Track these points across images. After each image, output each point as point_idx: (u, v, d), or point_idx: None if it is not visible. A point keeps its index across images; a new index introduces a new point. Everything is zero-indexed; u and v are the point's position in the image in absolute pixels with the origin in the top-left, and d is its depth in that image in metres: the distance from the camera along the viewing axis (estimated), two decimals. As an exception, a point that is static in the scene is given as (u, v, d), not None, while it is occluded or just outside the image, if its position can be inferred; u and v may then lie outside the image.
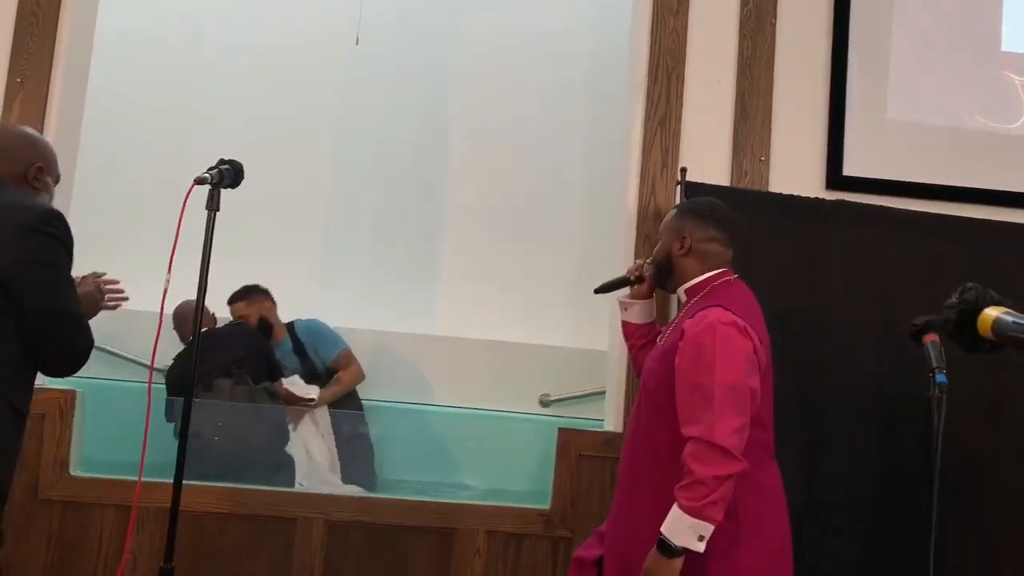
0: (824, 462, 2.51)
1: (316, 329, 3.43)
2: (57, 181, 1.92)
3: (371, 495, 2.84)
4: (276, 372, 3.21)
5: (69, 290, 1.74)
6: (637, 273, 2.13)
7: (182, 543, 1.93)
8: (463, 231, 3.91)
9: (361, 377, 3.36)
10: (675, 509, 1.69)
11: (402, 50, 3.91)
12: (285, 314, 3.54)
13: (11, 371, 1.69)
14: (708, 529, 1.67)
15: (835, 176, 2.81)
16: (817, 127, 2.85)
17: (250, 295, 3.35)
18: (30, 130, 1.92)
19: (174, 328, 3.23)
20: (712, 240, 1.95)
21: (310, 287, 3.80)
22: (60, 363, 1.75)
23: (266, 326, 3.32)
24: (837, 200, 2.69)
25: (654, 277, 2.08)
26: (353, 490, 3.04)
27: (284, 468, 2.98)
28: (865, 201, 2.70)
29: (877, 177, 2.83)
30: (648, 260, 2.11)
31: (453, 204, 3.95)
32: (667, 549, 1.68)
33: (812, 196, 2.70)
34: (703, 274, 1.94)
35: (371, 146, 3.90)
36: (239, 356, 3.07)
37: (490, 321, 3.76)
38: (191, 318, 3.05)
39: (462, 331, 3.71)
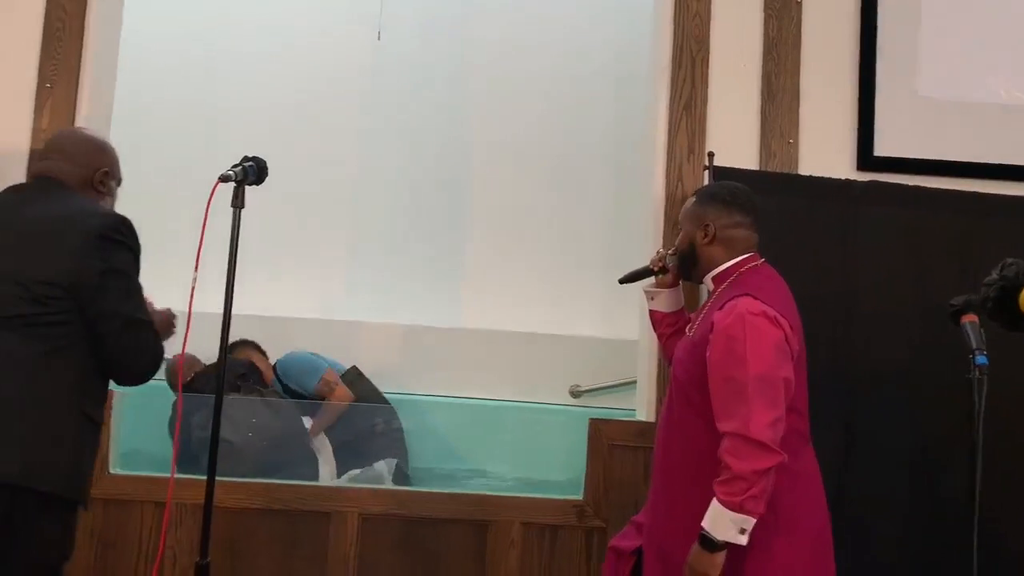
0: (859, 446, 2.48)
1: (291, 364, 3.29)
2: (119, 184, 1.94)
3: (404, 488, 2.86)
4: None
5: (139, 298, 1.76)
6: (660, 264, 2.11)
7: (220, 539, 1.95)
8: (488, 223, 3.91)
9: (348, 399, 3.23)
10: (715, 504, 1.68)
11: (423, 42, 3.90)
12: (316, 311, 3.55)
13: (84, 380, 1.72)
14: (750, 523, 1.67)
15: (866, 156, 2.76)
16: (846, 107, 2.79)
17: (234, 349, 3.23)
18: (96, 133, 1.96)
19: (168, 384, 3.12)
20: (737, 225, 1.92)
21: (337, 283, 3.81)
22: (130, 372, 1.76)
23: (257, 376, 3.24)
24: (869, 181, 2.65)
25: (678, 267, 2.04)
26: (383, 466, 3.02)
27: (310, 462, 2.99)
28: (898, 181, 2.65)
29: (910, 156, 2.76)
30: (671, 251, 2.08)
31: (477, 196, 3.94)
32: (709, 544, 1.68)
33: (843, 178, 2.66)
34: (729, 260, 1.91)
35: (394, 139, 3.90)
36: (241, 372, 3.07)
37: (518, 313, 3.75)
38: (183, 369, 3.04)
39: (490, 323, 3.70)
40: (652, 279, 2.18)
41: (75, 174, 1.81)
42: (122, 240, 1.74)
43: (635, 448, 2.66)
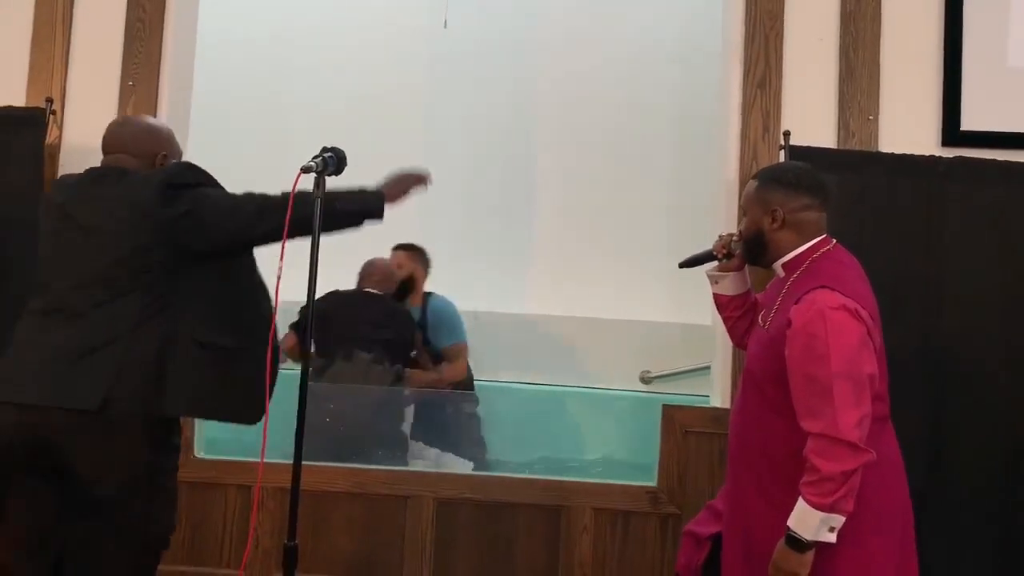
0: (949, 434, 2.39)
1: (444, 311, 3.39)
2: (180, 158, 2.05)
3: (479, 473, 2.88)
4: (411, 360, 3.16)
5: (231, 196, 1.88)
6: (724, 251, 2.02)
7: (302, 521, 2.00)
8: (555, 208, 3.90)
9: (461, 376, 3.31)
10: (803, 505, 1.65)
11: (489, 28, 3.90)
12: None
13: (197, 315, 1.82)
14: (840, 521, 1.64)
15: (952, 132, 2.65)
16: (930, 80, 2.68)
17: (415, 252, 3.38)
18: (151, 120, 2.09)
19: (365, 279, 3.23)
20: (806, 208, 1.83)
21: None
22: (269, 239, 1.84)
23: (406, 288, 3.31)
24: (955, 156, 2.54)
25: (745, 254, 1.97)
26: (462, 464, 3.06)
27: (399, 447, 3.03)
28: (986, 156, 2.54)
29: (999, 130, 2.64)
30: (735, 237, 2.00)
31: (543, 182, 3.93)
32: (797, 544, 1.66)
33: (927, 154, 2.56)
34: (801, 246, 1.84)
35: (460, 126, 3.92)
36: (387, 338, 3.08)
37: (586, 299, 3.73)
38: (378, 275, 3.15)
39: (558, 310, 3.70)
40: (714, 262, 2.10)
41: (139, 164, 1.95)
42: (189, 182, 1.85)
43: (710, 434, 2.63)
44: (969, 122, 2.64)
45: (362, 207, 1.96)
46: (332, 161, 1.85)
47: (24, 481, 1.83)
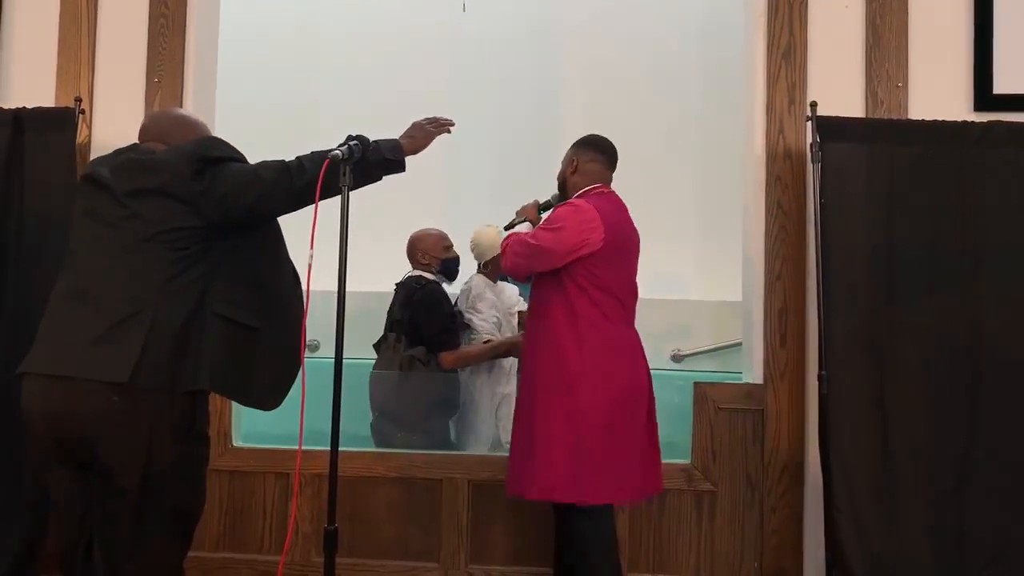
0: (988, 403, 2.36)
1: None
2: None
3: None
4: (437, 346, 3.09)
5: (242, 170, 1.86)
6: (524, 216, 2.54)
7: (339, 506, 2.03)
8: (581, 189, 3.86)
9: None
10: (515, 234, 2.42)
11: (512, 8, 3.87)
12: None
13: (219, 289, 1.81)
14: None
15: (984, 96, 2.59)
16: (960, 44, 2.63)
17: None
18: (185, 112, 2.13)
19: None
20: (592, 161, 2.43)
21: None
22: (290, 206, 1.86)
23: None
24: (988, 121, 2.49)
25: (559, 197, 2.50)
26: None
27: (440, 434, 3.05)
28: (1022, 120, 2.48)
29: (1034, 92, 2.58)
30: (541, 201, 2.57)
31: (569, 163, 3.90)
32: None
33: (959, 120, 2.51)
34: (585, 187, 2.40)
35: (483, 108, 3.90)
36: (401, 320, 3.05)
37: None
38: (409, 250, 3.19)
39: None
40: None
41: None
42: (216, 156, 1.82)
43: (743, 410, 2.62)
44: (1002, 85, 2.58)
45: (381, 158, 1.93)
46: (358, 149, 1.86)
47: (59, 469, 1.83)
